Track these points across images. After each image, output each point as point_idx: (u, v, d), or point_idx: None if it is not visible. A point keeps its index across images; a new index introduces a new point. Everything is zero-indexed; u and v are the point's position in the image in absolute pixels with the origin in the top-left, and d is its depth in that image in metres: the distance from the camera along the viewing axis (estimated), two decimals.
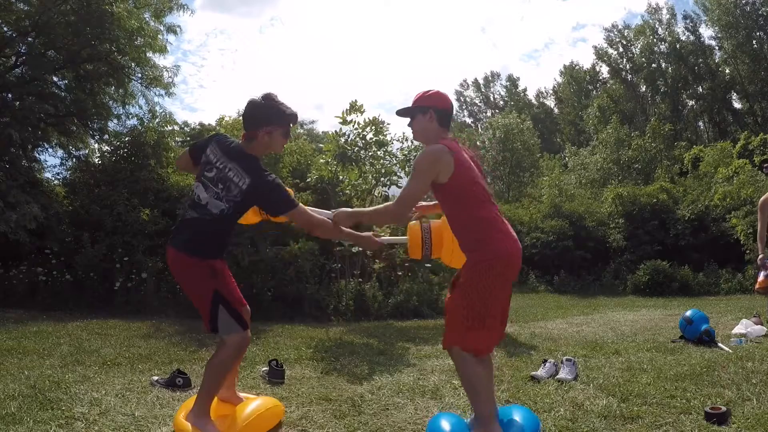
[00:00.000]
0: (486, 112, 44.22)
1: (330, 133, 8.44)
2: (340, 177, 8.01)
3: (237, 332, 2.63)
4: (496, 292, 2.48)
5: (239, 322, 2.64)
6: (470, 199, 2.51)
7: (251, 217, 2.91)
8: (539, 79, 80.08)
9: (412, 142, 8.54)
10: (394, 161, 8.32)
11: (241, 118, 11.27)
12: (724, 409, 2.88)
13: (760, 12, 26.22)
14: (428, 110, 2.60)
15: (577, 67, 37.87)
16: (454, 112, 47.23)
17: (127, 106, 11.05)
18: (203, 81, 61.60)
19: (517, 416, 2.66)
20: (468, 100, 46.25)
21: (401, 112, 2.72)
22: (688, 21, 30.24)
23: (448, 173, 2.45)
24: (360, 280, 8.34)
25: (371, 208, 2.84)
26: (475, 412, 2.54)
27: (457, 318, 2.47)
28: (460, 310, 2.46)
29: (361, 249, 8.22)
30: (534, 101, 42.89)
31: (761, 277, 5.14)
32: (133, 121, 10.80)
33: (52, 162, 29.56)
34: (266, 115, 2.70)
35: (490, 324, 2.47)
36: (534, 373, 3.96)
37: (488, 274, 2.44)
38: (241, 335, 2.64)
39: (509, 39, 64.92)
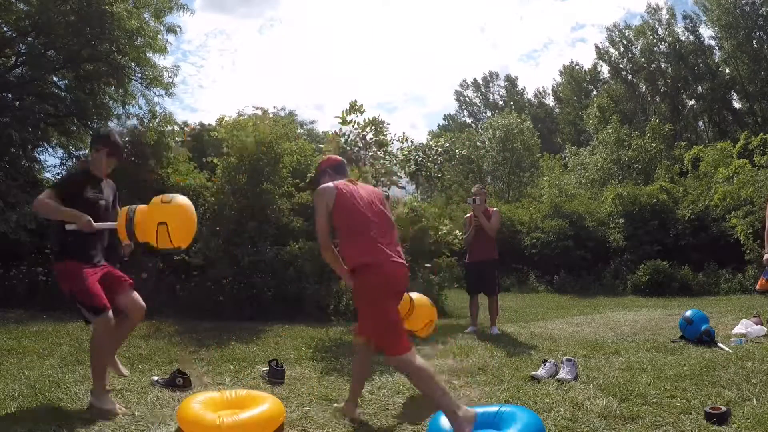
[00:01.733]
0: (486, 113, 44.19)
1: (330, 133, 8.44)
2: None
3: (93, 318, 3.12)
4: (385, 301, 2.89)
5: (91, 311, 3.11)
6: (350, 222, 3.00)
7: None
8: (538, 79, 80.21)
9: (411, 142, 8.54)
10: (394, 161, 8.30)
11: (240, 118, 11.27)
12: (724, 409, 2.88)
13: (760, 12, 26.20)
14: (326, 171, 3.31)
15: (577, 66, 37.89)
16: (454, 112, 47.53)
17: (127, 106, 11.06)
18: (203, 81, 61.74)
19: (521, 420, 2.65)
20: (468, 100, 46.24)
21: (314, 184, 3.30)
22: (687, 21, 30.25)
23: (332, 203, 3.02)
24: None
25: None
26: (443, 410, 2.63)
27: (377, 336, 2.94)
28: (375, 329, 2.92)
29: None
30: (534, 101, 42.88)
31: (764, 277, 5.14)
32: (133, 121, 10.81)
33: (52, 162, 29.52)
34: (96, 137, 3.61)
35: (396, 327, 2.90)
36: (534, 373, 3.96)
37: (369, 287, 2.91)
38: (100, 318, 3.10)
39: (509, 39, 65.01)
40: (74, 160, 11.20)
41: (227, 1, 60.91)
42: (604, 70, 34.81)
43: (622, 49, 33.01)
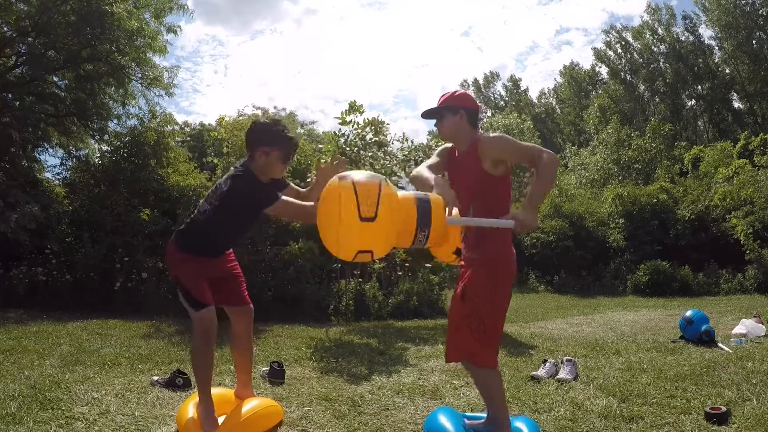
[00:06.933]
0: (486, 112, 44.19)
1: (330, 133, 8.43)
2: None
3: (192, 312, 2.78)
4: (505, 304, 2.49)
5: (192, 304, 2.78)
6: (507, 197, 2.45)
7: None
8: (526, 81, 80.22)
9: (412, 143, 8.54)
10: (394, 161, 8.31)
11: (240, 118, 11.24)
12: (724, 409, 2.88)
13: (760, 12, 26.19)
14: (459, 111, 2.54)
15: (578, 67, 37.86)
16: None
17: (127, 107, 11.09)
18: (197, 86, 62.06)
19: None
20: None
21: (429, 113, 2.63)
22: (687, 21, 30.23)
23: (506, 166, 2.41)
24: (360, 280, 8.32)
25: (534, 182, 2.31)
26: (491, 416, 2.56)
27: (467, 332, 2.42)
28: (472, 324, 2.40)
29: None
30: (536, 102, 42.91)
31: None
32: (133, 121, 10.83)
33: (52, 162, 29.58)
34: (265, 135, 2.79)
35: (499, 338, 2.51)
36: (534, 373, 3.96)
37: (503, 285, 2.42)
38: (199, 314, 2.77)
39: (494, 43, 65.30)
40: (74, 160, 11.21)
41: (220, 11, 61.00)
42: (603, 71, 34.80)
43: (619, 50, 32.99)
